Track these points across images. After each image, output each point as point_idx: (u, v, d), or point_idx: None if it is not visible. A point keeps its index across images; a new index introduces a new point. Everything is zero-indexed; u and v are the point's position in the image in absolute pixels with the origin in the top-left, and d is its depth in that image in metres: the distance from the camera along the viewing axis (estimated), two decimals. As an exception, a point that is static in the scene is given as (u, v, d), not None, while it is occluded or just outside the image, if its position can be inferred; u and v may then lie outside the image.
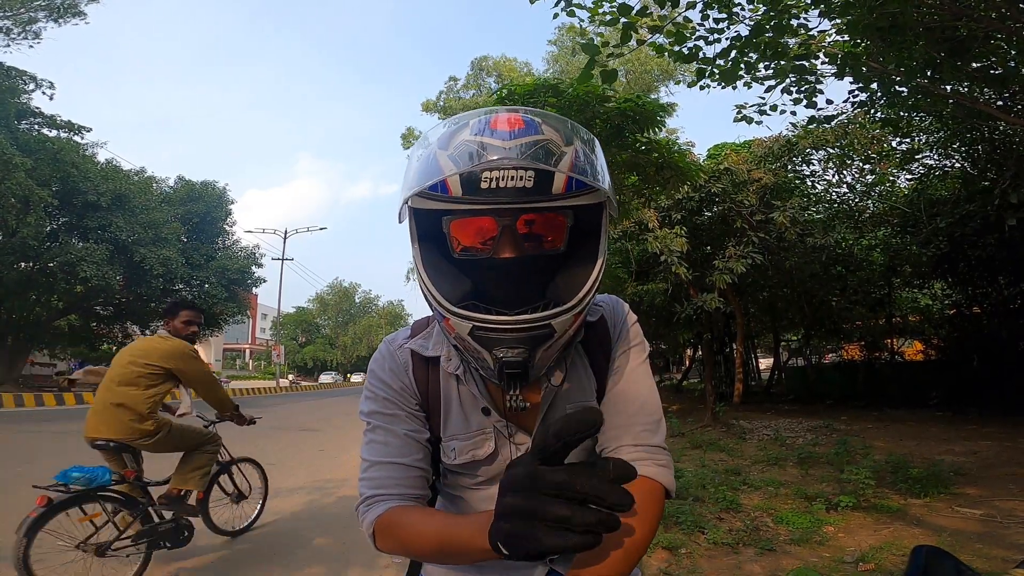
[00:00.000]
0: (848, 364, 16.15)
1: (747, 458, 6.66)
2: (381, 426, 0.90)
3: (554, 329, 0.72)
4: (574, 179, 0.69)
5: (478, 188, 0.68)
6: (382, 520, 0.83)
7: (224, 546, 3.83)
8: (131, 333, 25.82)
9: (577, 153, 0.71)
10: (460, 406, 0.91)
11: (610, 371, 0.94)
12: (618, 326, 0.95)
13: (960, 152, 9.12)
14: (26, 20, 16.62)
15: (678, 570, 3.26)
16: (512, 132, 0.70)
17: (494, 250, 0.74)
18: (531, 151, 0.68)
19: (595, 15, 4.67)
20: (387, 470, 0.87)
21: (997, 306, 11.09)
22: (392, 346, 0.94)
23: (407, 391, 0.91)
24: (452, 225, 0.75)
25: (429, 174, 0.70)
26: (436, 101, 24.14)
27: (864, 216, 11.54)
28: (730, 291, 10.21)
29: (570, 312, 0.72)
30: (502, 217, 0.72)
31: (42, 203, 16.41)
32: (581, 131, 0.77)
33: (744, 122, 5.69)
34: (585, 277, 0.75)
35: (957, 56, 4.80)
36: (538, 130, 0.71)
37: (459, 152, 0.69)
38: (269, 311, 56.92)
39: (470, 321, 0.71)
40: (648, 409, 0.91)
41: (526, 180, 0.67)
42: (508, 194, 0.68)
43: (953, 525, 3.89)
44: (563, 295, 0.74)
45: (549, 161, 0.68)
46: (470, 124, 0.73)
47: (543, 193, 0.69)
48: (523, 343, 0.71)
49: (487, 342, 0.72)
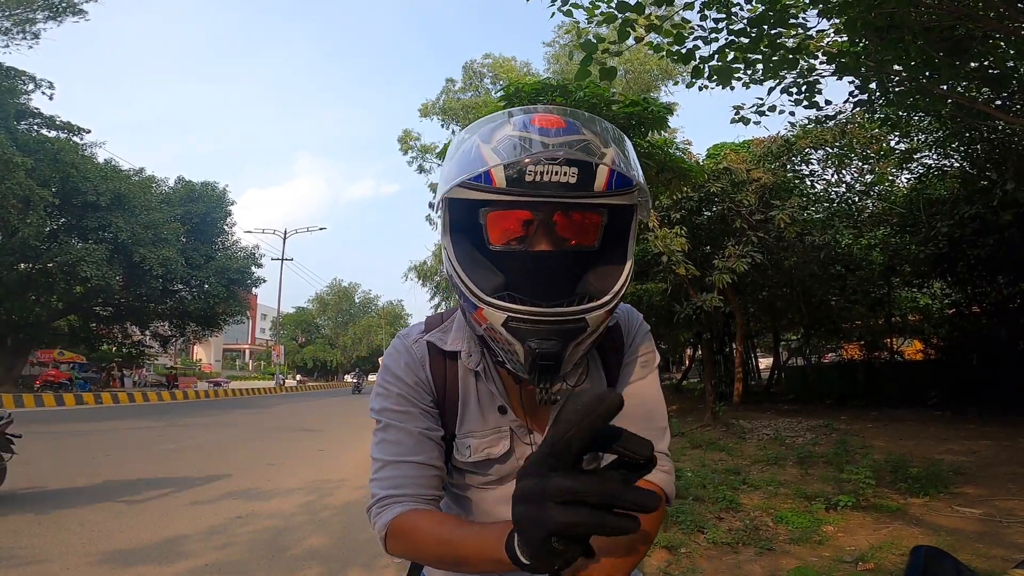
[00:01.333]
0: (848, 364, 16.15)
1: (747, 458, 6.66)
2: (394, 424, 0.88)
3: (588, 323, 0.72)
4: (615, 177, 0.70)
5: (522, 180, 0.69)
6: (395, 523, 0.81)
7: (223, 546, 3.83)
8: (131, 333, 25.84)
9: (616, 154, 0.73)
10: (478, 403, 0.91)
11: (622, 376, 0.95)
12: (632, 333, 0.97)
13: (959, 151, 9.13)
14: (24, 20, 16.60)
15: (678, 570, 3.27)
16: (555, 130, 0.72)
17: (529, 243, 0.75)
18: (575, 148, 0.69)
19: (592, 15, 4.67)
20: (402, 469, 0.85)
21: (996, 305, 11.09)
22: (408, 340, 0.93)
23: (422, 386, 0.90)
24: (489, 217, 0.76)
25: (473, 164, 0.71)
26: (435, 103, 24.05)
27: (863, 215, 11.54)
28: (730, 291, 10.21)
29: (604, 308, 0.73)
30: (539, 211, 0.73)
31: (43, 203, 16.41)
32: (618, 134, 0.78)
33: (742, 123, 5.70)
34: (617, 275, 0.76)
35: (955, 56, 4.81)
36: (579, 130, 0.73)
37: (503, 146, 0.71)
38: (269, 311, 56.86)
39: (505, 312, 0.71)
40: (655, 416, 0.93)
41: (570, 176, 0.68)
42: (551, 188, 0.69)
43: (952, 524, 3.89)
44: (595, 291, 0.75)
45: (591, 160, 0.69)
46: (511, 120, 0.75)
47: (585, 189, 0.70)
48: (556, 336, 0.72)
49: (521, 333, 0.72)
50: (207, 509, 4.81)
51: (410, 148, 23.58)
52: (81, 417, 13.04)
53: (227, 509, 4.83)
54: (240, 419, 13.87)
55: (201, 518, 4.52)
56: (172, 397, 21.57)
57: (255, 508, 4.89)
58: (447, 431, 0.92)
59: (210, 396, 24.75)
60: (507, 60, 23.91)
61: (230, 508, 4.87)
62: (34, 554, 3.55)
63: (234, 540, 3.98)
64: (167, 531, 4.13)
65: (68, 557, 3.52)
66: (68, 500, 4.92)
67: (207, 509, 4.81)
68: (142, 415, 14.21)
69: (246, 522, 4.45)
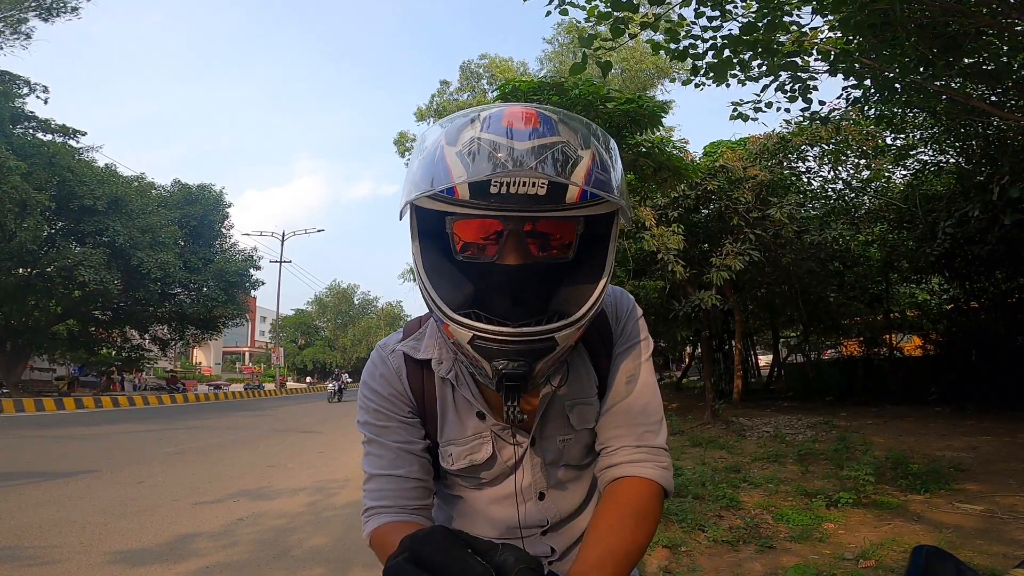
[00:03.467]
0: (847, 360, 16.17)
1: (747, 455, 6.66)
2: (375, 439, 0.89)
3: (557, 342, 0.70)
4: (590, 182, 0.65)
5: (487, 193, 0.64)
6: (375, 533, 0.84)
7: (228, 546, 3.84)
8: (130, 337, 25.80)
9: (594, 159, 0.67)
10: (455, 410, 0.90)
11: (612, 368, 0.92)
12: (622, 320, 0.93)
13: (954, 148, 9.14)
14: (16, 21, 16.55)
15: (678, 568, 3.26)
16: (527, 131, 0.66)
17: (499, 255, 0.71)
18: (546, 155, 0.64)
19: (592, 14, 4.68)
20: (383, 482, 0.87)
21: (995, 301, 11.11)
22: (384, 351, 0.92)
23: (399, 398, 0.89)
24: (456, 225, 0.72)
25: (435, 174, 0.66)
26: (430, 106, 24.05)
27: (860, 212, 11.55)
28: (728, 288, 10.23)
29: (574, 326, 0.71)
30: (509, 222, 0.69)
31: (39, 207, 16.37)
32: (598, 131, 0.73)
33: (740, 119, 5.70)
34: (591, 288, 0.73)
35: (949, 52, 4.81)
36: (554, 130, 0.67)
37: (468, 150, 0.65)
38: (268, 314, 56.81)
39: (471, 330, 0.69)
40: (651, 409, 0.90)
41: (539, 188, 0.64)
42: (518, 201, 0.64)
43: (953, 521, 3.89)
44: (568, 306, 0.72)
45: (565, 167, 0.64)
46: (480, 118, 0.69)
47: (555, 202, 0.65)
48: (524, 355, 0.69)
49: (487, 352, 0.70)
50: (211, 510, 4.83)
51: (407, 150, 23.59)
52: (81, 421, 13.02)
53: (231, 510, 4.84)
54: (240, 422, 13.87)
55: (205, 519, 4.52)
56: (172, 400, 21.54)
57: (258, 509, 4.91)
58: (431, 439, 0.91)
59: (210, 399, 24.73)
60: (504, 60, 23.93)
61: (234, 509, 4.88)
62: (44, 555, 3.57)
63: (239, 540, 3.99)
64: (172, 532, 4.14)
65: (78, 558, 3.53)
66: (71, 502, 4.91)
67: (211, 510, 4.83)
68: (142, 418, 14.20)
69: (250, 523, 4.45)
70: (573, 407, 0.90)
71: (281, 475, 6.56)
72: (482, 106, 0.74)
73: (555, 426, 0.91)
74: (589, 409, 0.91)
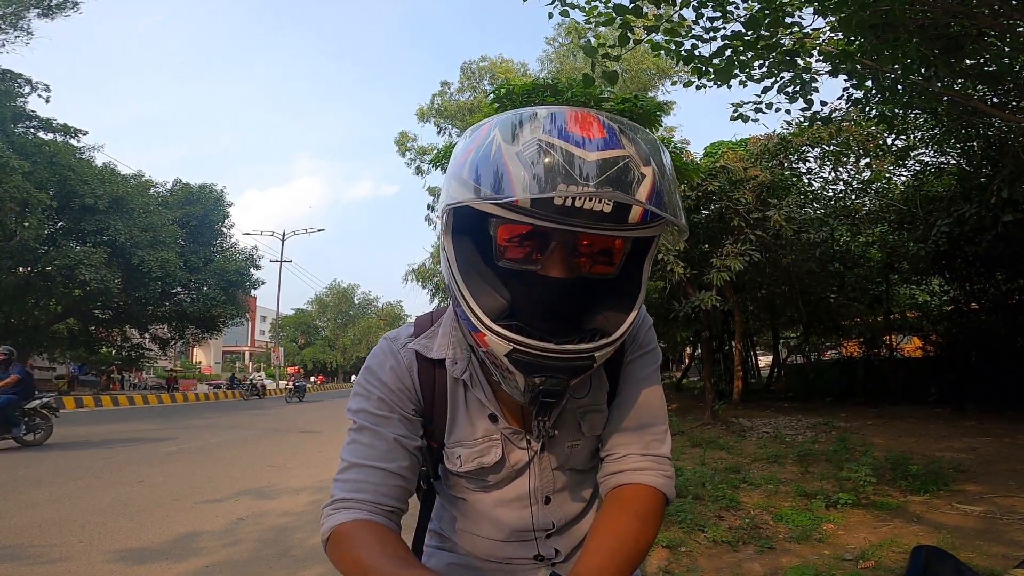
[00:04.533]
0: (847, 361, 16.16)
1: (747, 456, 6.66)
2: (369, 427, 0.83)
3: (595, 360, 0.69)
4: (652, 202, 0.62)
5: (549, 203, 0.60)
6: (340, 529, 0.76)
7: (230, 544, 3.85)
8: (130, 336, 25.80)
9: (656, 176, 0.63)
10: (466, 412, 0.88)
11: (623, 374, 0.92)
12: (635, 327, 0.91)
13: (955, 149, 9.14)
14: (15, 16, 16.54)
15: (678, 568, 3.27)
16: (594, 141, 0.62)
17: (543, 265, 0.68)
18: (613, 171, 0.60)
19: (591, 16, 4.67)
20: (366, 474, 0.80)
21: (995, 302, 11.10)
22: (395, 345, 0.89)
23: (407, 393, 0.86)
24: (501, 230, 0.68)
25: (491, 170, 0.62)
26: (431, 105, 24.00)
27: (861, 213, 11.54)
28: (728, 289, 10.22)
29: (613, 345, 0.70)
30: (561, 238, 0.66)
31: (40, 206, 16.39)
32: (657, 144, 0.69)
33: (741, 120, 5.69)
34: (630, 304, 0.72)
35: (950, 53, 4.81)
36: (618, 143, 0.63)
37: (530, 153, 0.61)
38: (268, 313, 56.82)
39: (511, 343, 0.66)
40: (658, 418, 0.92)
41: (604, 204, 0.61)
42: (582, 216, 0.61)
43: (953, 522, 3.89)
44: (606, 324, 0.71)
45: (630, 186, 0.61)
46: (540, 117, 0.65)
47: (618, 222, 0.63)
48: (563, 372, 0.68)
49: (526, 367, 0.67)
50: (212, 509, 4.84)
51: (408, 150, 23.60)
52: (81, 420, 13.03)
53: (232, 509, 4.86)
54: (240, 421, 13.88)
55: (206, 518, 4.54)
56: (172, 400, 21.55)
57: (259, 508, 4.92)
58: (436, 439, 0.89)
59: (210, 398, 24.74)
60: (505, 61, 23.93)
61: (234, 508, 4.89)
62: (45, 554, 3.58)
63: (240, 539, 4.01)
64: (173, 531, 4.15)
65: (79, 556, 3.55)
66: (71, 502, 4.92)
67: (212, 509, 4.84)
68: (142, 418, 14.20)
69: (251, 522, 4.47)
70: (585, 414, 0.91)
71: (282, 475, 6.56)
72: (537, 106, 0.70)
73: (566, 432, 0.91)
74: (599, 417, 0.92)
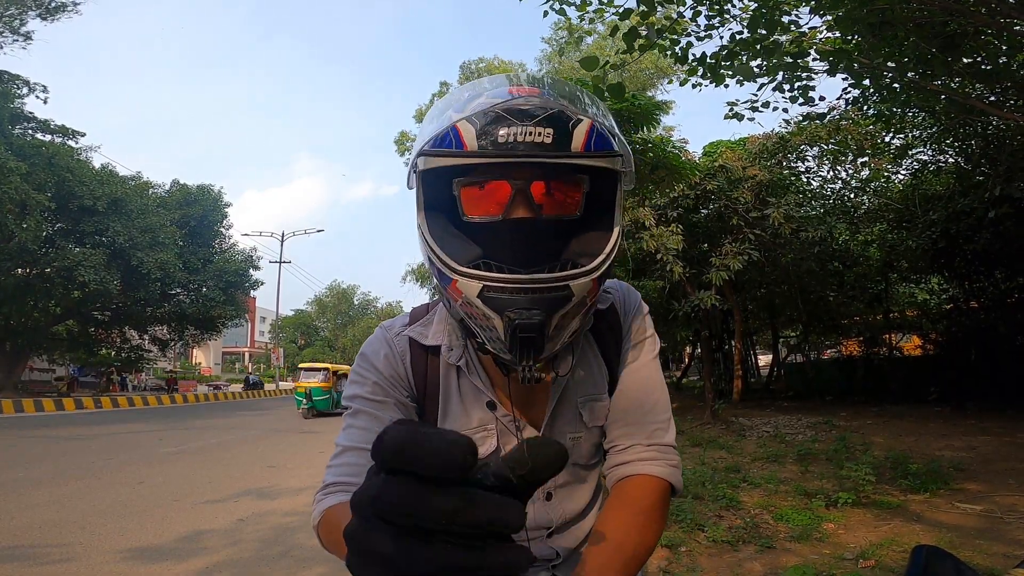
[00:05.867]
0: (847, 360, 16.16)
1: (746, 455, 6.67)
2: (364, 411, 0.83)
3: (572, 292, 0.67)
4: (593, 138, 0.67)
5: (495, 142, 0.65)
6: (332, 512, 0.75)
7: (227, 546, 3.85)
8: (129, 338, 25.79)
9: (595, 118, 0.70)
10: (460, 399, 0.87)
11: (622, 362, 0.91)
12: (630, 314, 0.92)
13: (953, 147, 9.16)
14: (14, 17, 16.52)
15: (678, 568, 3.27)
16: (531, 96, 0.69)
17: (506, 212, 0.71)
18: (553, 111, 0.66)
19: (584, 10, 4.68)
20: (359, 456, 0.79)
21: (994, 300, 11.10)
22: (389, 332, 0.90)
23: (400, 381, 0.86)
24: (463, 189, 0.72)
25: (448, 134, 0.68)
26: (430, 105, 23.98)
27: (859, 212, 11.56)
28: (727, 288, 10.23)
29: (589, 276, 0.68)
30: (516, 180, 0.69)
31: (39, 208, 16.37)
32: (595, 102, 0.76)
33: (736, 119, 5.70)
34: (603, 244, 0.72)
35: (948, 52, 4.81)
36: (555, 98, 0.70)
37: (476, 114, 0.67)
38: (268, 314, 56.79)
39: (480, 280, 0.66)
40: (661, 407, 0.90)
41: (544, 136, 0.65)
42: (525, 148, 0.65)
43: (953, 521, 3.90)
44: (580, 259, 0.72)
45: (568, 124, 0.66)
46: (486, 90, 0.72)
47: (561, 149, 0.66)
48: (537, 305, 0.65)
49: (498, 303, 0.66)
50: (213, 510, 4.85)
51: (407, 150, 23.57)
52: (81, 421, 13.01)
53: (233, 510, 4.87)
54: (240, 422, 13.87)
55: (207, 518, 4.55)
56: (172, 400, 21.53)
57: (260, 508, 4.93)
58: None
59: (209, 399, 24.72)
60: (503, 62, 23.96)
61: (235, 509, 4.90)
62: (46, 554, 3.59)
63: (241, 539, 4.02)
64: (174, 531, 4.16)
65: (81, 557, 3.55)
66: (71, 502, 4.92)
67: (213, 510, 4.85)
68: (142, 418, 14.19)
69: (252, 522, 4.48)
70: (586, 403, 0.89)
71: (282, 475, 6.57)
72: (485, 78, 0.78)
73: (566, 422, 0.89)
74: (600, 406, 0.90)
